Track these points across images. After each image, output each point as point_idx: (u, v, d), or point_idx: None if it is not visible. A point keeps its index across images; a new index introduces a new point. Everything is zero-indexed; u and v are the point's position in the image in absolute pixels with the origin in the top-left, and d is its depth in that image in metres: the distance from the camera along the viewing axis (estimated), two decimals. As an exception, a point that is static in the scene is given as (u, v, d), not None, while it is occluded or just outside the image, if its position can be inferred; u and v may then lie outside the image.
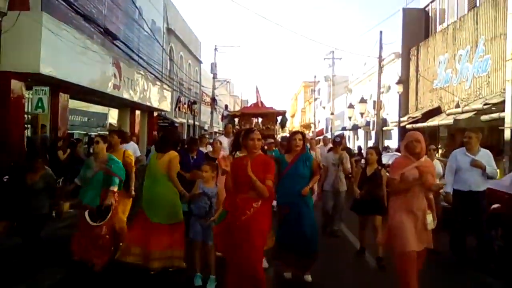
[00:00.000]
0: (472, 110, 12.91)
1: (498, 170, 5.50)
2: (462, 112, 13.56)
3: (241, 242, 3.73)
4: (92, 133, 13.24)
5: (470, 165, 5.48)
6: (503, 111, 10.84)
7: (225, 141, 8.12)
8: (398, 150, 16.19)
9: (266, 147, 8.62)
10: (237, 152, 5.02)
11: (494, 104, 11.65)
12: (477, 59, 14.18)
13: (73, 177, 5.57)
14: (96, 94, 11.15)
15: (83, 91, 10.33)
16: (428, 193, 4.02)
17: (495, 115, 11.16)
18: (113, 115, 15.51)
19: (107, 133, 14.83)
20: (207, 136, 10.96)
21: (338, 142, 7.70)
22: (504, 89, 11.17)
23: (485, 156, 5.59)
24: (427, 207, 3.98)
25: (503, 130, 10.73)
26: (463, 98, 14.93)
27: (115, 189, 4.77)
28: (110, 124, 15.33)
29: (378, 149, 6.14)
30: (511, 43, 9.11)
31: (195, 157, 6.71)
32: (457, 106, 14.89)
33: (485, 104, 12.04)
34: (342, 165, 7.21)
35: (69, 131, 10.85)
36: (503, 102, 10.94)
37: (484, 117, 11.92)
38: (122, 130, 9.99)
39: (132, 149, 7.44)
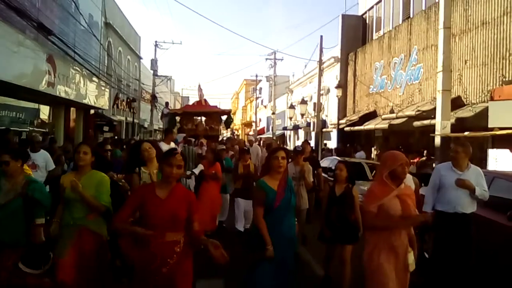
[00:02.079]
0: (405, 116, 13.65)
1: (487, 191, 4.75)
2: (396, 118, 14.30)
3: None
4: (24, 130, 12.43)
5: (455, 184, 4.65)
6: (434, 118, 11.56)
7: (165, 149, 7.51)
8: (338, 152, 16.78)
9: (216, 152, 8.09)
10: (142, 169, 4.34)
11: (425, 111, 12.39)
12: (410, 67, 15.02)
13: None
14: (28, 92, 10.46)
15: (13, 88, 9.65)
16: (410, 228, 3.46)
17: (426, 122, 11.86)
18: (44, 111, 14.64)
19: (40, 130, 14.01)
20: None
21: (300, 152, 6.63)
22: (435, 98, 11.91)
23: (474, 174, 4.77)
24: (409, 245, 3.39)
25: (433, 136, 11.44)
26: (397, 104, 15.75)
27: (42, 222, 3.87)
28: (42, 120, 14.47)
29: (348, 164, 5.33)
30: (441, 55, 9.70)
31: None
32: (392, 111, 15.69)
33: (417, 111, 12.78)
34: (304, 179, 6.29)
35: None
36: (434, 109, 11.65)
37: (416, 123, 12.64)
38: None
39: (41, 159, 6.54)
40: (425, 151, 12.22)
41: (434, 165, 11.55)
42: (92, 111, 17.56)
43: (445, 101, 9.87)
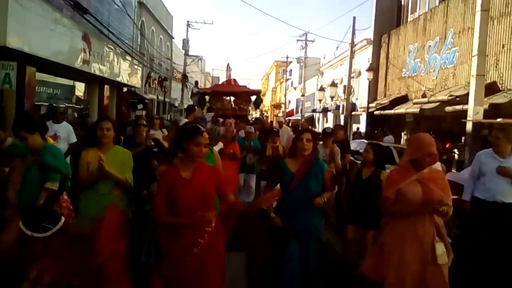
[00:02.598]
0: (437, 100, 13.35)
1: None
2: (428, 102, 14.00)
3: (194, 281, 2.89)
4: (61, 106, 12.91)
5: (496, 172, 4.51)
6: (467, 103, 11.29)
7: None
8: (366, 135, 16.63)
9: (243, 135, 7.99)
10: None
11: (458, 96, 12.09)
12: (445, 51, 14.59)
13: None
14: (65, 68, 10.84)
15: (51, 65, 10.02)
16: (436, 217, 3.13)
17: (458, 107, 11.59)
18: (79, 88, 15.10)
19: (76, 106, 14.49)
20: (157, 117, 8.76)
21: (330, 134, 6.56)
22: (469, 82, 11.61)
23: None
24: (436, 235, 3.10)
25: (465, 122, 11.20)
26: (430, 88, 15.39)
27: (52, 186, 3.67)
28: (77, 97, 14.96)
29: (379, 146, 5.08)
30: (477, 39, 9.42)
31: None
32: (424, 95, 15.35)
33: (450, 96, 12.48)
34: (333, 162, 6.17)
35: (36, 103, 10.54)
36: (467, 94, 11.36)
37: (448, 108, 12.36)
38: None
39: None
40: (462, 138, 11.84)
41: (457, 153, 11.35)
42: (125, 89, 17.97)
43: (478, 86, 9.63)
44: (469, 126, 9.89)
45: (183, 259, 2.87)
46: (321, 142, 6.46)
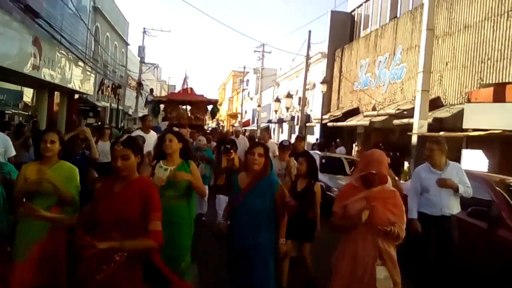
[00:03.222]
0: (386, 114, 13.96)
1: (471, 187, 4.61)
2: (377, 115, 14.61)
3: None
4: (7, 112, 12.37)
5: (437, 185, 4.49)
6: (413, 117, 11.89)
7: (147, 138, 6.91)
8: (320, 146, 17.03)
9: (194, 143, 7.79)
10: (160, 162, 3.97)
11: (405, 110, 12.71)
12: (394, 66, 15.32)
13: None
14: (13, 73, 10.43)
15: (-2, 70, 9.62)
16: (381, 240, 2.94)
17: (405, 120, 12.18)
18: (28, 94, 14.57)
19: (23, 113, 13.92)
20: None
21: (286, 147, 6.34)
22: (415, 97, 12.25)
23: (454, 170, 4.61)
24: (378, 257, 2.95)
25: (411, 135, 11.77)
26: (379, 102, 16.07)
27: None
28: (25, 103, 14.40)
29: (311, 157, 5.06)
30: (423, 56, 9.98)
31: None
32: (374, 108, 16.00)
33: (397, 109, 13.10)
34: (289, 175, 5.94)
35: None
36: (413, 109, 11.98)
37: (395, 121, 12.96)
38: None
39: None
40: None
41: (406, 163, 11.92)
42: (76, 96, 17.46)
43: (423, 101, 10.18)
44: (414, 139, 10.39)
45: (86, 283, 2.48)
46: (276, 155, 6.45)
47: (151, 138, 6.93)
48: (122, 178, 2.57)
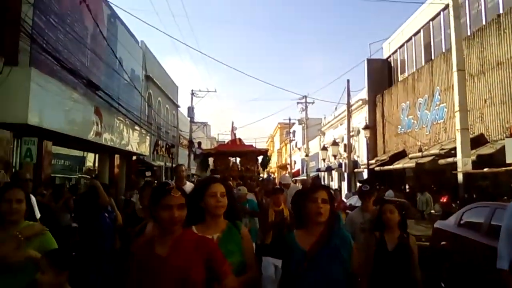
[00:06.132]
0: (431, 154, 13.97)
1: None
2: (422, 156, 14.61)
3: None
4: (73, 177, 13.62)
5: None
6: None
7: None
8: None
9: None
10: (193, 229, 2.55)
11: (449, 149, 12.71)
12: (434, 107, 15.45)
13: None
14: (78, 141, 11.69)
15: (66, 138, 10.87)
16: None
17: (450, 159, 12.17)
18: (89, 159, 15.92)
19: (87, 176, 15.20)
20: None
21: (368, 192, 4.80)
22: (457, 136, 12.30)
23: None
24: None
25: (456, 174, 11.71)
26: (425, 143, 16.08)
27: None
28: (88, 167, 15.69)
29: (401, 204, 4.23)
30: (457, 96, 10.22)
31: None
32: (420, 150, 15.99)
33: (441, 149, 13.11)
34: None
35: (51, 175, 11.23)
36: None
37: (441, 161, 12.95)
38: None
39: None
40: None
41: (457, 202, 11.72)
42: (134, 157, 18.82)
43: (464, 139, 10.30)
44: (460, 177, 10.39)
45: None
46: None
47: (187, 190, 7.29)
48: (169, 234, 2.16)
